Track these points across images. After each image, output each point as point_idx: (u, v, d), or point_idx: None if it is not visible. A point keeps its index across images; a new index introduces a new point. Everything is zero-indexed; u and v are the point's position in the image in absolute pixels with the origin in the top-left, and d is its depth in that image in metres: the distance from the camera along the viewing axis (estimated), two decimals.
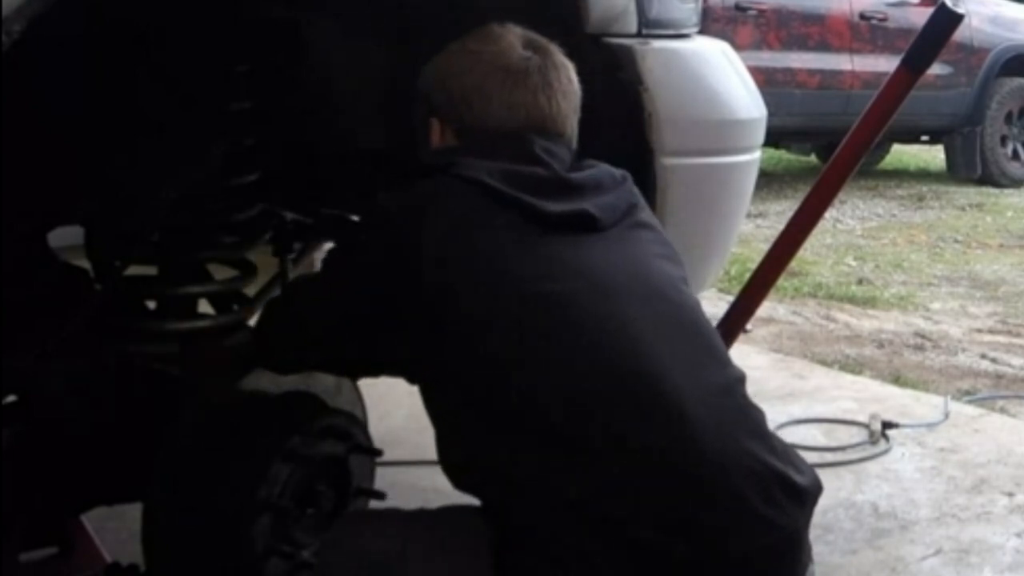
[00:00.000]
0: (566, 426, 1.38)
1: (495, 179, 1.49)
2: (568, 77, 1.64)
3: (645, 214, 1.63)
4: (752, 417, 1.49)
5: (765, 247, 2.21)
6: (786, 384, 3.64)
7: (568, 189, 1.53)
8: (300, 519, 1.90)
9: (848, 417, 3.32)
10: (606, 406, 1.39)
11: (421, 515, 1.52)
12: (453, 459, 1.48)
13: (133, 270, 2.06)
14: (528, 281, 1.45)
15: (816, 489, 1.48)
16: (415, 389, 1.55)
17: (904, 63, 2.01)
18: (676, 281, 1.57)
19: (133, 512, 1.95)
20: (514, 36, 1.63)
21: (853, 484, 2.86)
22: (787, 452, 1.49)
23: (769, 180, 8.12)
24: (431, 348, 1.46)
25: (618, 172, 1.61)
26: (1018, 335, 4.53)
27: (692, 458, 1.37)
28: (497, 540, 1.40)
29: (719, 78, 2.01)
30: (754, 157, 2.12)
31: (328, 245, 2.38)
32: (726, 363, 1.53)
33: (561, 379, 1.40)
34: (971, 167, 8.39)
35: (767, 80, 6.69)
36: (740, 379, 1.52)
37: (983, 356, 4.19)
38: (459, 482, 1.48)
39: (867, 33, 7.73)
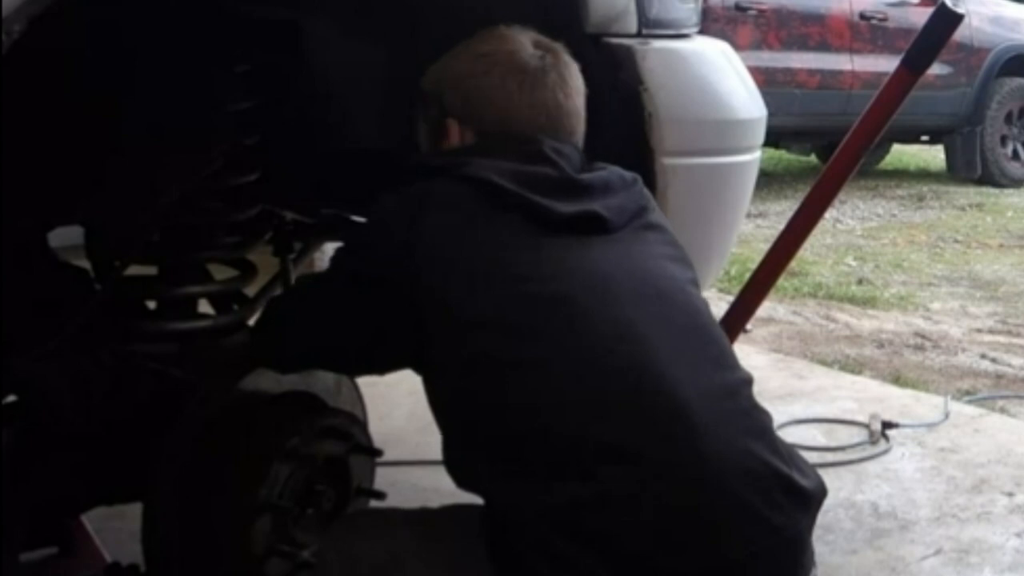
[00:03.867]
0: (563, 428, 1.37)
1: (503, 178, 1.49)
2: (577, 74, 1.66)
3: (655, 216, 1.63)
4: (756, 419, 1.48)
5: (765, 247, 2.21)
6: (786, 384, 3.64)
7: (577, 190, 1.53)
8: (300, 519, 1.90)
9: (848, 417, 3.32)
10: (603, 409, 1.38)
11: (420, 515, 1.53)
12: (454, 456, 1.48)
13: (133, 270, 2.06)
14: (529, 281, 1.45)
15: (820, 493, 1.47)
16: (415, 389, 1.55)
17: (904, 63, 2.01)
18: (683, 283, 1.57)
19: (133, 512, 1.95)
20: (523, 36, 1.65)
21: (853, 484, 2.86)
22: (791, 455, 1.48)
23: (769, 180, 8.12)
24: (430, 347, 1.46)
25: (628, 174, 1.62)
26: (1018, 335, 4.53)
27: (691, 460, 1.37)
28: (496, 541, 1.40)
29: (719, 78, 2.01)
30: (754, 157, 2.12)
31: (329, 245, 2.39)
32: (731, 365, 1.52)
33: (558, 381, 1.40)
34: (971, 167, 8.39)
35: (767, 80, 6.69)
36: (746, 381, 1.52)
37: (983, 356, 4.19)
38: (460, 480, 1.48)
39: (867, 33, 7.73)
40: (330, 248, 1.96)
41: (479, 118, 1.61)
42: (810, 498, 1.44)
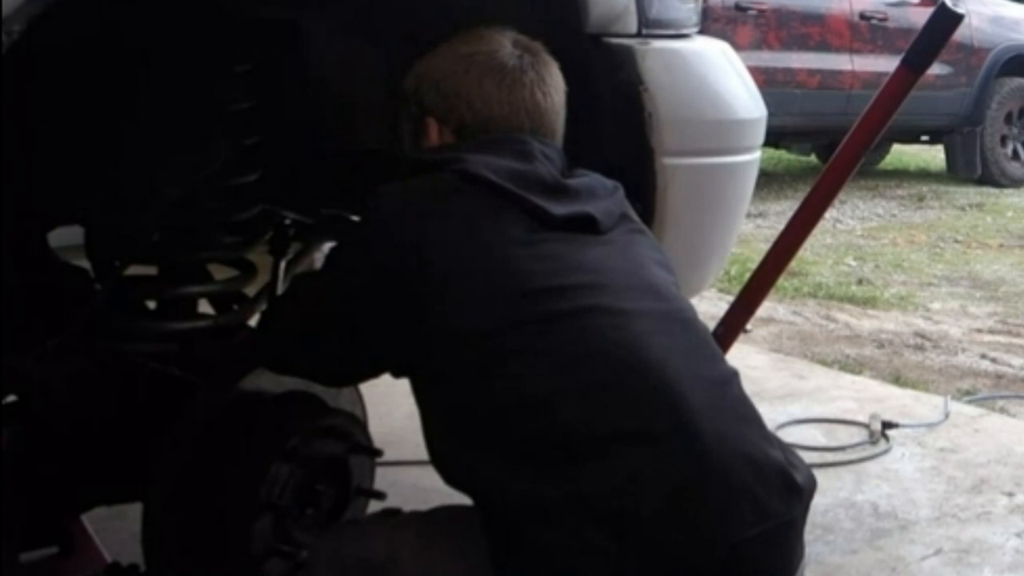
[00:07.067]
0: (570, 419, 1.38)
1: (500, 177, 1.50)
2: (557, 73, 1.68)
3: (637, 222, 1.66)
4: (750, 409, 1.51)
5: (765, 247, 2.21)
6: (786, 384, 3.64)
7: (567, 193, 1.56)
8: (300, 519, 1.90)
9: (848, 417, 3.32)
10: (611, 399, 1.40)
11: (414, 517, 1.53)
12: (452, 457, 1.48)
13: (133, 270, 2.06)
14: (534, 277, 1.46)
15: (811, 484, 1.50)
16: None
17: (904, 63, 2.01)
18: (670, 284, 1.60)
19: (133, 512, 1.95)
20: (502, 36, 1.66)
21: (853, 484, 2.86)
22: (783, 445, 1.51)
23: (769, 180, 8.12)
24: (429, 348, 1.46)
25: (609, 182, 1.64)
26: (1018, 335, 4.53)
27: (694, 447, 1.39)
28: (499, 538, 1.40)
29: (719, 78, 2.01)
30: (754, 157, 2.12)
31: (329, 245, 2.38)
32: (721, 360, 1.57)
33: (566, 374, 1.41)
34: (971, 167, 8.39)
35: (767, 80, 6.69)
36: (735, 374, 1.55)
37: (983, 356, 4.19)
38: (455, 479, 1.48)
39: (867, 33, 7.73)
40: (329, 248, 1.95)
41: (458, 117, 1.62)
42: (802, 488, 1.47)
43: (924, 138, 8.78)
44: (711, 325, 1.89)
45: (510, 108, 1.61)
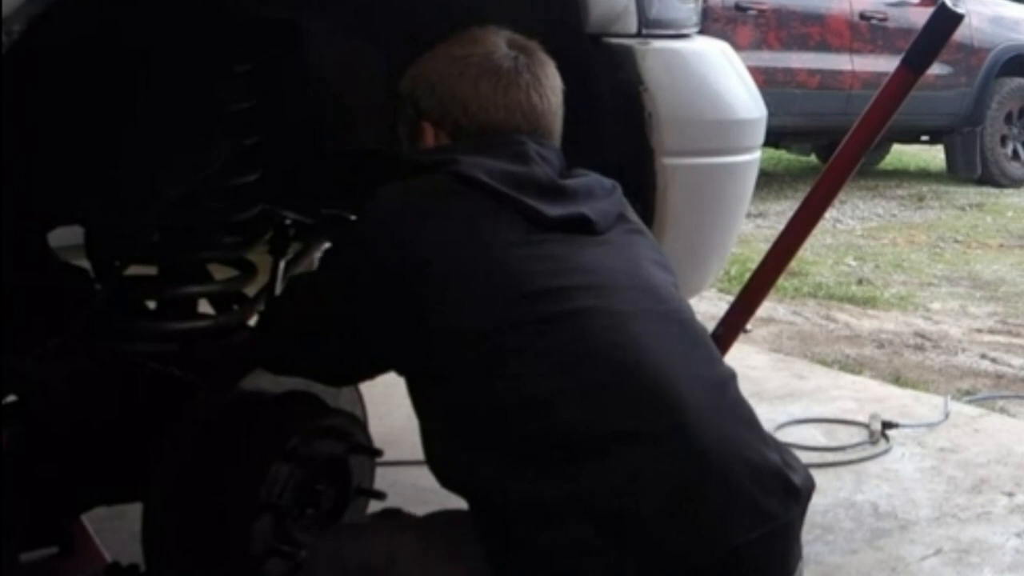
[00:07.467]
0: (570, 419, 1.38)
1: (495, 179, 1.50)
2: (553, 73, 1.67)
3: (635, 222, 1.66)
4: (747, 411, 1.51)
5: (765, 247, 2.21)
6: (786, 384, 3.64)
7: (563, 194, 1.55)
8: (300, 519, 1.90)
9: (848, 417, 3.32)
10: (610, 399, 1.40)
11: (414, 519, 1.54)
12: (450, 459, 1.48)
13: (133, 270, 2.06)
14: (533, 279, 1.46)
15: (809, 485, 1.50)
16: None
17: (904, 63, 2.01)
18: (669, 284, 1.60)
19: (133, 512, 1.95)
20: (497, 37, 1.65)
21: (853, 484, 2.86)
22: (780, 447, 1.51)
23: (769, 180, 8.12)
24: (428, 348, 1.46)
25: (608, 181, 1.64)
26: (1018, 335, 4.53)
27: (693, 448, 1.39)
28: (495, 540, 1.40)
29: (719, 78, 2.01)
30: (754, 157, 2.12)
31: (328, 245, 2.39)
32: (719, 361, 1.56)
33: (566, 374, 1.41)
34: (971, 167, 8.39)
35: (767, 80, 6.69)
36: (733, 376, 1.55)
37: (983, 356, 4.19)
38: (452, 482, 1.48)
39: (867, 33, 7.73)
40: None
41: (454, 120, 1.61)
42: (800, 490, 1.47)
43: (924, 138, 8.78)
44: (711, 325, 1.89)
45: (506, 111, 1.60)
